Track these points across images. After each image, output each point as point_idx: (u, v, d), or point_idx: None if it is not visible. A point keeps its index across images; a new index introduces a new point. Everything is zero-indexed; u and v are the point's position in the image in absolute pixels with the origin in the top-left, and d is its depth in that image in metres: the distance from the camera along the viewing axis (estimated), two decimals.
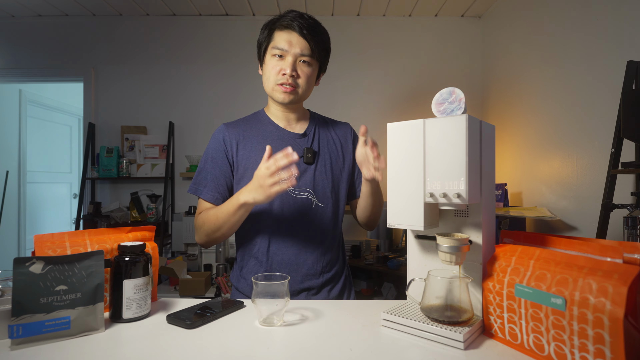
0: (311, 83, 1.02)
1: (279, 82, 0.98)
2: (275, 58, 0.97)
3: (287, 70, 0.96)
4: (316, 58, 1.00)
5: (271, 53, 0.98)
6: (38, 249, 0.72)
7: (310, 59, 0.98)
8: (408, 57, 2.94)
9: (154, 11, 2.87)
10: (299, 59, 0.97)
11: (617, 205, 1.41)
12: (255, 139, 1.04)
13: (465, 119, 0.62)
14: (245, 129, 1.05)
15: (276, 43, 0.97)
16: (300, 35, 0.95)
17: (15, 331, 0.60)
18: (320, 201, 1.02)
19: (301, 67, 0.98)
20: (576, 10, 1.87)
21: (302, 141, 1.05)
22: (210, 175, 1.01)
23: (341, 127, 1.14)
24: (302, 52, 0.96)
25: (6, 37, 2.90)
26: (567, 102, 1.93)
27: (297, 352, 0.61)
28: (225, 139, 1.03)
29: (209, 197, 1.01)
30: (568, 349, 0.53)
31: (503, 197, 2.26)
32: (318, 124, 1.10)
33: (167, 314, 0.75)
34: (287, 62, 0.96)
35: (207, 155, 1.04)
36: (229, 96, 2.92)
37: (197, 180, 1.03)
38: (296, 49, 0.96)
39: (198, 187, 1.02)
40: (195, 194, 1.02)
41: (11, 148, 3.41)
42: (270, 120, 1.06)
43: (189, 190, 1.04)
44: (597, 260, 0.54)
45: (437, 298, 0.66)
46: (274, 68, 0.97)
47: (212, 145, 1.04)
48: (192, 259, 2.63)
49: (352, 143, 1.11)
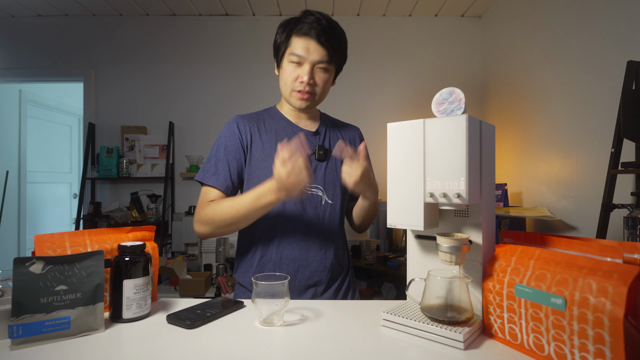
0: (327, 88, 1.02)
1: (296, 89, 0.98)
2: (292, 64, 0.97)
3: (305, 78, 0.95)
4: (334, 64, 1.00)
5: (289, 59, 0.97)
6: (38, 249, 0.72)
7: (328, 65, 0.98)
8: (408, 57, 2.94)
9: (154, 11, 2.87)
10: (316, 66, 0.97)
11: (617, 205, 1.41)
12: (269, 132, 1.04)
13: (465, 119, 0.62)
14: (259, 122, 1.05)
15: (293, 49, 0.96)
16: (318, 42, 0.94)
17: (15, 331, 0.60)
18: (330, 198, 1.03)
19: (318, 74, 0.98)
20: (576, 11, 1.87)
21: (315, 139, 1.06)
22: (221, 163, 0.99)
23: (350, 129, 1.16)
24: (319, 59, 0.96)
25: (6, 37, 2.90)
26: (567, 102, 1.93)
27: (297, 352, 0.61)
28: (240, 127, 1.02)
29: (220, 184, 0.97)
30: (568, 349, 0.53)
31: (503, 197, 2.26)
32: (328, 124, 1.12)
33: (167, 314, 0.75)
34: (304, 69, 0.96)
35: (220, 143, 1.01)
36: (229, 96, 2.92)
37: (207, 168, 0.99)
38: (314, 57, 0.95)
39: (206, 174, 0.99)
40: (203, 181, 0.98)
41: (11, 148, 3.41)
42: (283, 117, 1.07)
43: (196, 177, 1.00)
44: (597, 260, 0.54)
45: (437, 298, 0.66)
46: (291, 74, 0.97)
47: (225, 134, 1.02)
48: (192, 259, 2.63)
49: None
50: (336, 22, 0.99)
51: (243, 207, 0.89)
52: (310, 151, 1.01)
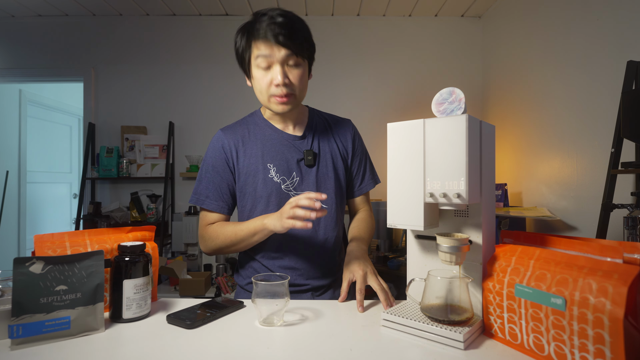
0: (305, 83, 0.97)
1: (273, 94, 0.92)
2: (261, 70, 0.91)
3: (279, 79, 0.89)
4: (303, 56, 0.92)
5: (256, 65, 0.91)
6: (38, 249, 0.72)
7: (297, 59, 0.91)
8: (408, 57, 2.94)
9: (154, 11, 2.87)
10: (286, 63, 0.91)
11: (617, 205, 1.41)
12: (254, 144, 1.00)
13: (465, 119, 0.62)
14: (244, 133, 1.02)
15: (257, 54, 0.90)
16: (278, 43, 0.88)
17: (15, 331, 0.60)
18: (324, 203, 1.01)
19: (291, 72, 0.91)
20: (576, 10, 1.87)
21: (302, 143, 1.02)
22: (212, 185, 0.99)
23: (342, 124, 1.10)
24: (286, 56, 0.89)
25: (6, 37, 2.90)
26: (567, 102, 1.93)
27: (297, 352, 0.61)
28: (224, 146, 1.00)
29: (214, 206, 0.99)
30: (568, 349, 0.53)
31: (503, 197, 2.26)
32: (317, 123, 1.07)
33: (167, 314, 0.75)
34: (275, 71, 0.90)
35: (207, 164, 1.01)
36: (229, 96, 2.92)
37: (199, 191, 1.00)
38: (280, 54, 0.89)
39: (199, 198, 1.00)
40: (197, 204, 1.00)
41: (11, 148, 3.41)
42: (267, 123, 1.03)
43: (190, 201, 1.01)
44: (597, 260, 0.54)
45: (437, 298, 0.66)
46: (264, 79, 0.91)
47: (211, 154, 1.01)
48: (192, 259, 2.63)
49: (352, 141, 1.08)
50: (291, 13, 0.91)
51: (242, 231, 0.93)
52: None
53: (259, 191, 0.98)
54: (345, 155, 1.07)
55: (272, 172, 0.98)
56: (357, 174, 1.09)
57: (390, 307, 0.79)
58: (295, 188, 0.99)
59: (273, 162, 0.98)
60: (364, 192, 1.12)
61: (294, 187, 0.99)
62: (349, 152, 1.07)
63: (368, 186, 1.11)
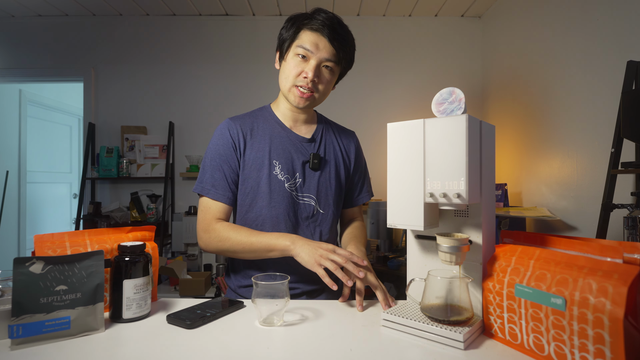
0: (329, 90, 0.98)
1: (297, 84, 0.93)
2: (298, 58, 0.92)
3: (309, 74, 0.91)
4: (340, 66, 0.96)
5: (295, 52, 0.93)
6: (38, 249, 0.72)
7: (334, 66, 0.94)
8: (408, 57, 2.94)
9: (154, 11, 2.87)
10: (323, 63, 0.93)
11: (617, 205, 1.41)
12: (262, 137, 0.99)
13: (465, 119, 0.62)
14: (252, 125, 1.00)
15: (302, 42, 0.92)
16: (329, 40, 0.91)
17: (15, 331, 0.60)
18: (322, 208, 1.01)
19: (323, 73, 0.94)
20: (576, 10, 1.87)
21: (309, 146, 1.02)
22: (218, 173, 0.95)
23: (347, 135, 1.11)
24: (328, 57, 0.92)
25: (6, 37, 2.90)
26: (567, 102, 1.93)
27: (297, 352, 0.61)
28: (232, 133, 0.97)
29: (219, 196, 0.95)
30: (568, 349, 0.53)
31: (503, 197, 2.26)
32: (325, 128, 1.07)
33: (167, 314, 0.75)
34: (310, 65, 0.92)
35: (213, 151, 0.97)
36: (229, 96, 2.92)
37: (204, 179, 0.96)
38: (322, 54, 0.91)
39: (205, 187, 0.96)
40: (202, 193, 0.95)
41: (11, 148, 3.41)
42: (277, 120, 1.02)
43: (194, 189, 0.97)
44: (597, 260, 0.54)
45: (437, 298, 0.66)
46: (295, 68, 0.93)
47: (217, 141, 0.97)
48: (192, 259, 2.63)
49: (356, 153, 1.10)
50: (347, 27, 0.96)
51: (260, 243, 0.89)
52: (306, 160, 1.00)
53: (262, 186, 0.96)
54: (348, 164, 1.08)
55: (277, 169, 0.97)
56: (357, 185, 1.11)
57: (389, 306, 0.79)
58: (298, 189, 0.99)
59: (279, 159, 0.98)
60: (361, 202, 1.14)
61: (296, 187, 0.99)
62: (352, 163, 1.09)
63: (365, 198, 1.13)
